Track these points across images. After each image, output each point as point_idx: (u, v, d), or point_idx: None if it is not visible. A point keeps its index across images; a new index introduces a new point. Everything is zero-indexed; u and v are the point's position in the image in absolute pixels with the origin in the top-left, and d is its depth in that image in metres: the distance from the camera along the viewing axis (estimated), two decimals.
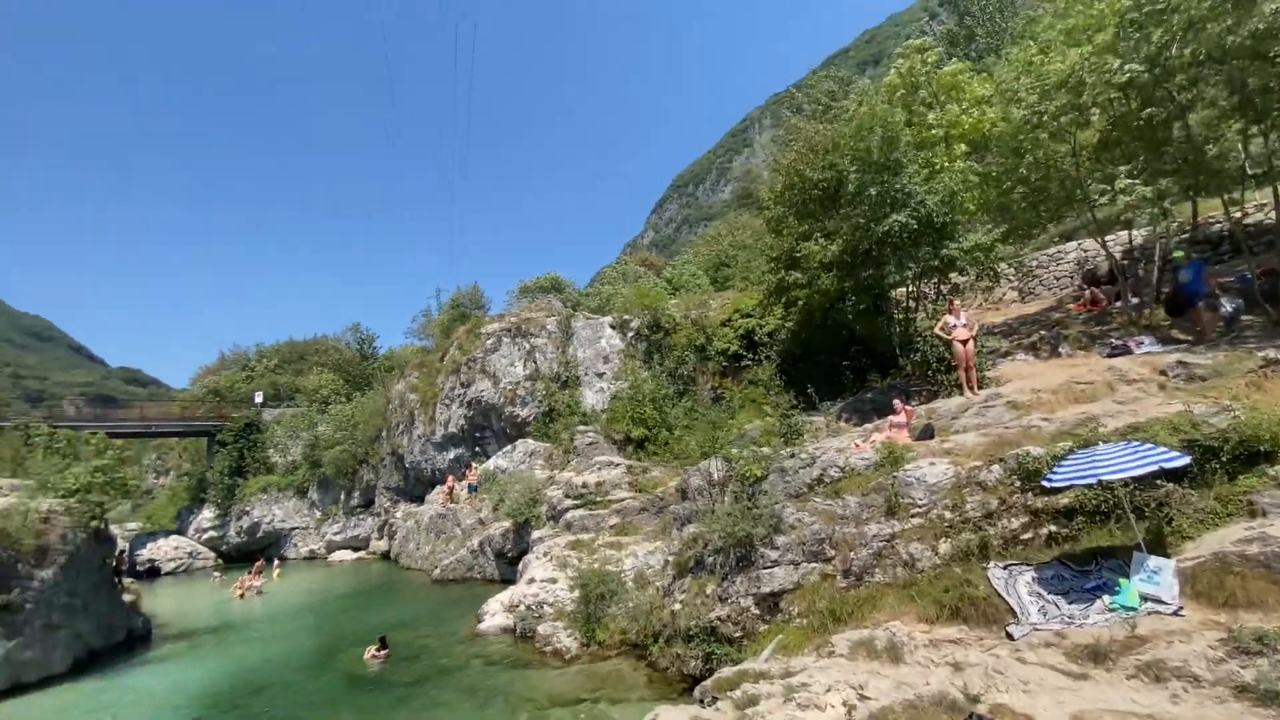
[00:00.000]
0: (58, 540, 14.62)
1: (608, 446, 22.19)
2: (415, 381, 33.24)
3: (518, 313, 30.85)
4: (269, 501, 35.98)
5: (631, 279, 35.87)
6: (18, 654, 12.88)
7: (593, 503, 18.24)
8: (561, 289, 34.03)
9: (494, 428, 27.76)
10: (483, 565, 21.20)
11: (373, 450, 34.56)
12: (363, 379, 43.71)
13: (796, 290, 16.30)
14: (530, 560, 16.44)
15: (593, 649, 12.13)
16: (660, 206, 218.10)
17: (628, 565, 13.92)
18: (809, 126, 16.77)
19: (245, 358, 50.87)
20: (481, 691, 10.67)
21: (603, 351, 26.38)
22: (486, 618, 14.59)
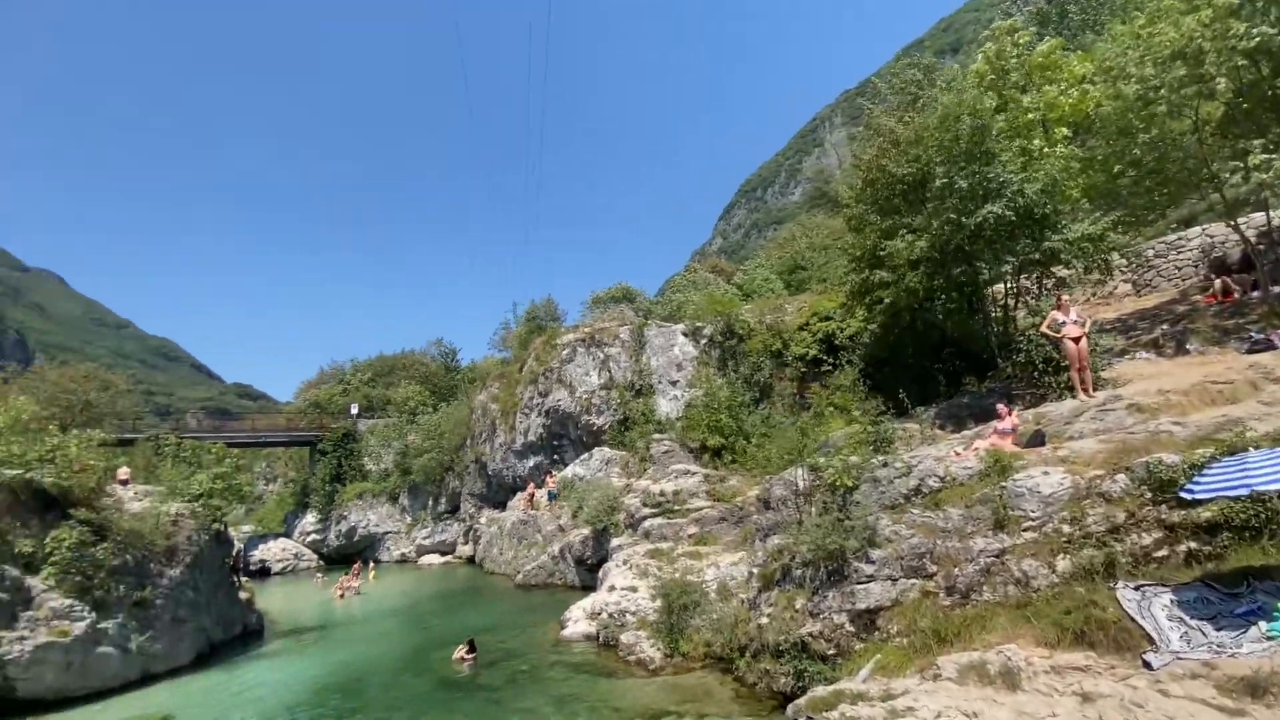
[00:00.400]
0: (184, 541, 16.05)
1: (684, 455, 22.04)
2: (496, 392, 34.40)
3: (591, 323, 31.35)
4: (364, 507, 38.21)
5: (702, 286, 35.63)
6: (149, 646, 14.10)
7: (670, 511, 18.12)
8: (633, 298, 34.31)
9: (571, 436, 28.24)
10: (563, 571, 21.51)
11: (458, 458, 36.02)
12: (448, 390, 45.74)
13: (881, 290, 15.60)
14: (610, 568, 16.50)
15: (676, 660, 11.98)
16: (728, 213, 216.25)
17: (709, 576, 13.68)
18: (891, 119, 16.06)
19: (341, 372, 54.48)
20: (568, 699, 10.73)
21: (676, 359, 26.30)
22: (569, 624, 14.74)
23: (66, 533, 13.15)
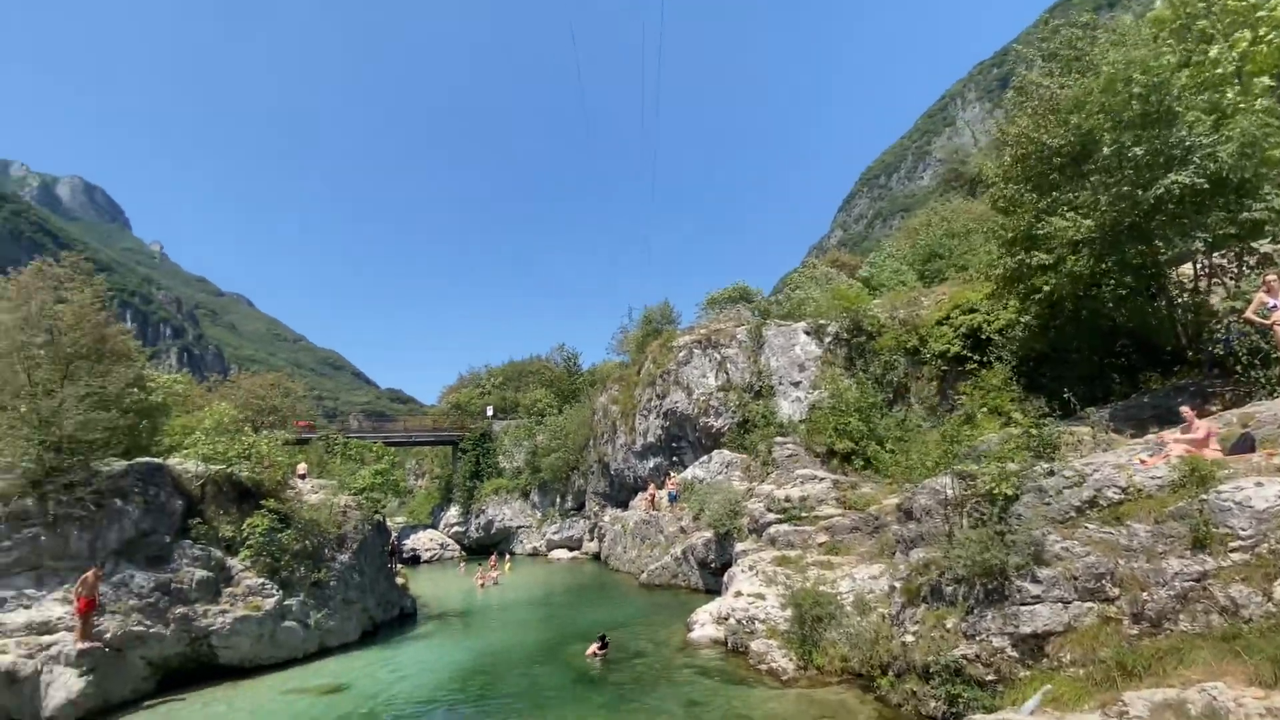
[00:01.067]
0: (352, 529, 17.98)
1: (809, 459, 21.15)
2: (616, 394, 35.24)
3: (707, 324, 31.11)
4: (500, 502, 40.77)
5: (823, 282, 34.10)
6: (325, 622, 15.90)
7: (797, 518, 17.46)
8: (749, 298, 33.59)
9: (689, 438, 28.19)
10: (686, 573, 21.47)
11: (582, 458, 37.34)
12: (571, 393, 47.59)
13: (1038, 277, 13.92)
14: (735, 573, 16.19)
15: (810, 673, 11.47)
16: (848, 203, 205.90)
17: (844, 587, 12.97)
18: (1048, 83, 14.30)
19: (478, 377, 58.58)
20: (697, 703, 10.62)
21: (797, 359, 25.35)
22: (696, 627, 14.64)
23: (259, 520, 15.21)
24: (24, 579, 12.22)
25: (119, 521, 13.22)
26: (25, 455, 12.52)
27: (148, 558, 13.38)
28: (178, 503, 14.47)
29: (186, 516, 14.56)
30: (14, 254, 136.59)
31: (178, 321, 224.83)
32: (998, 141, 17.97)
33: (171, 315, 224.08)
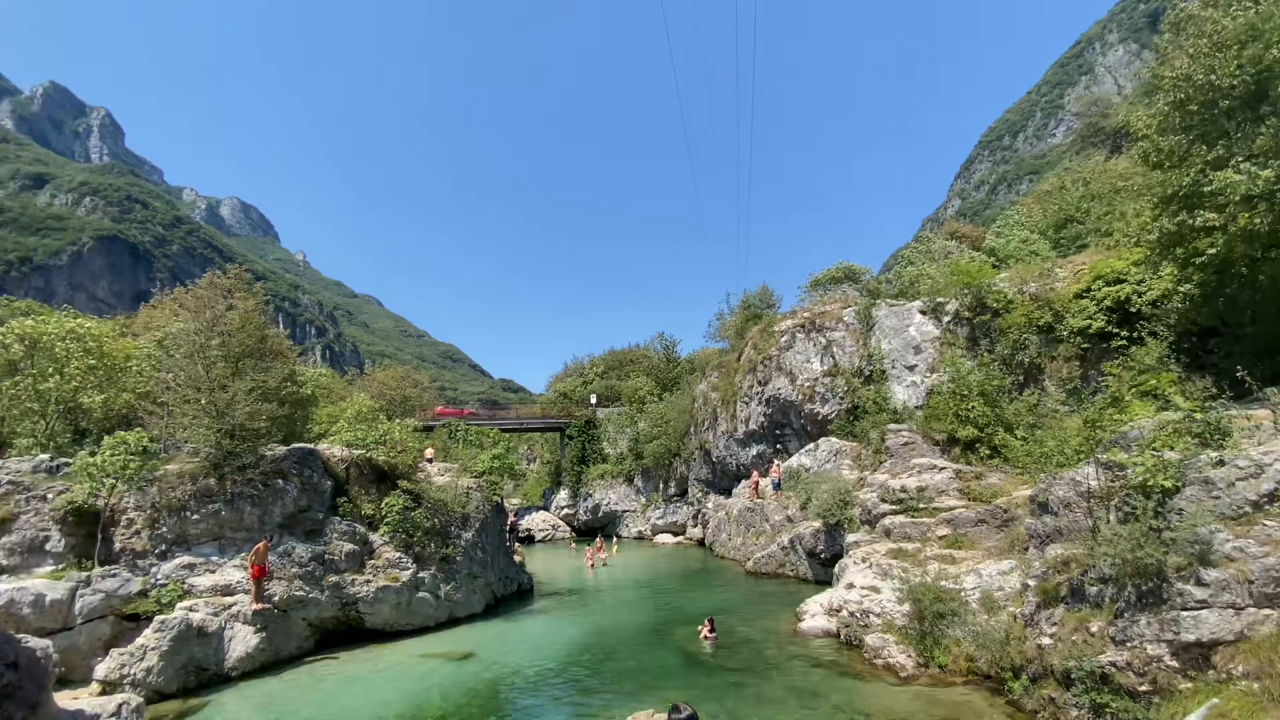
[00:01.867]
0: (474, 509, 19.31)
1: (926, 447, 19.90)
2: (715, 381, 35.05)
3: (810, 307, 30.05)
4: (606, 486, 42.06)
5: (939, 257, 31.73)
6: (453, 595, 17.26)
7: (914, 509, 16.53)
8: (856, 277, 31.97)
9: (794, 425, 27.47)
10: (794, 563, 21.05)
11: (683, 445, 37.58)
12: (670, 381, 47.97)
13: (1201, 239, 12.11)
14: (847, 564, 15.66)
15: (932, 671, 10.89)
16: (966, 169, 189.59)
17: (969, 583, 12.15)
18: (1210, 15, 12.32)
19: (581, 366, 60.59)
20: (809, 694, 10.44)
21: (912, 341, 23.84)
22: (806, 618, 14.35)
23: (395, 499, 16.74)
24: (209, 548, 14.28)
25: (281, 499, 15.08)
26: (207, 441, 14.59)
27: (305, 531, 15.18)
28: (327, 483, 16.26)
29: (335, 495, 16.34)
30: (189, 268, 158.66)
31: (320, 322, 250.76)
32: (1149, 87, 15.77)
33: (315, 317, 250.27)
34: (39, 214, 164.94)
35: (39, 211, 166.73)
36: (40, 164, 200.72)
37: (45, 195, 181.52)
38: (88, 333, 18.91)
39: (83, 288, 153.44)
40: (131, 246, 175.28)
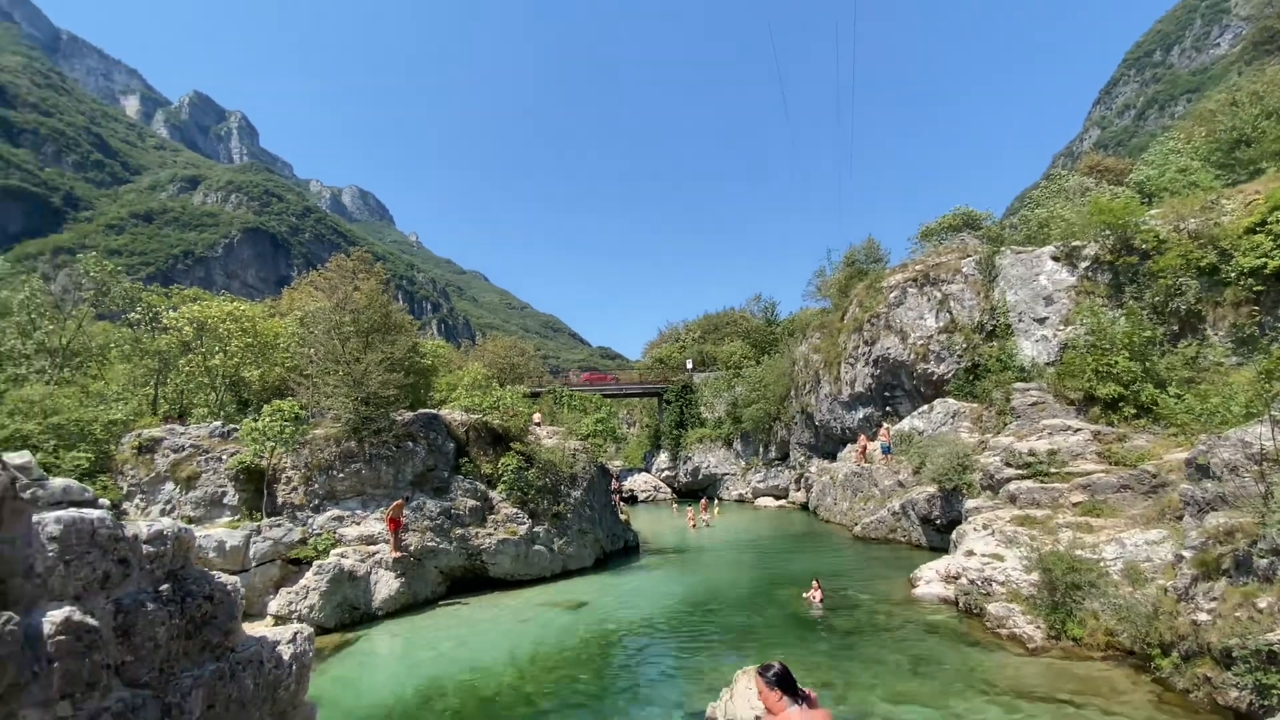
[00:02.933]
0: (581, 470, 20.20)
1: (1059, 407, 18.21)
2: (817, 343, 33.87)
3: (923, 259, 28.03)
4: (705, 450, 42.36)
5: (1075, 195, 28.34)
6: (565, 549, 18.27)
7: (1044, 474, 15.28)
8: (976, 224, 29.30)
9: (905, 386, 26.08)
10: (906, 529, 20.27)
11: (783, 408, 36.87)
12: (768, 343, 46.95)
13: None
14: (966, 531, 14.85)
15: (1064, 644, 10.20)
16: (1106, 94, 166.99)
17: (1109, 553, 11.16)
18: None
19: (676, 332, 60.75)
20: (925, 660, 10.14)
21: (1043, 291, 21.66)
22: (921, 584, 13.85)
23: (510, 459, 17.85)
24: (354, 502, 16.00)
25: (412, 459, 16.55)
26: (346, 408, 16.22)
27: (433, 488, 16.61)
28: (450, 445, 17.62)
29: (457, 456, 17.70)
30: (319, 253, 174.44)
31: (434, 298, 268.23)
32: None
33: (429, 293, 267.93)
34: (195, 212, 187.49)
35: (195, 210, 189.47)
36: (193, 167, 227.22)
37: (199, 195, 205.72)
38: (244, 315, 21.45)
39: (235, 275, 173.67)
40: (271, 236, 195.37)
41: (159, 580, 3.21)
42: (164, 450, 15.67)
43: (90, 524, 2.87)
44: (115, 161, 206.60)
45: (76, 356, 23.99)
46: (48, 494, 2.89)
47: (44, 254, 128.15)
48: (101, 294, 25.72)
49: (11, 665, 2.43)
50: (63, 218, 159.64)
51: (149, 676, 3.02)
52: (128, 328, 24.86)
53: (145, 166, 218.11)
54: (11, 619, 2.49)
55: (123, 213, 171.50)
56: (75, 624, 2.69)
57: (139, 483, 15.36)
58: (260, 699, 3.56)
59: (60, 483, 2.97)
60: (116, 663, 2.89)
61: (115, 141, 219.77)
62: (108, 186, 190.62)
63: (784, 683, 3.55)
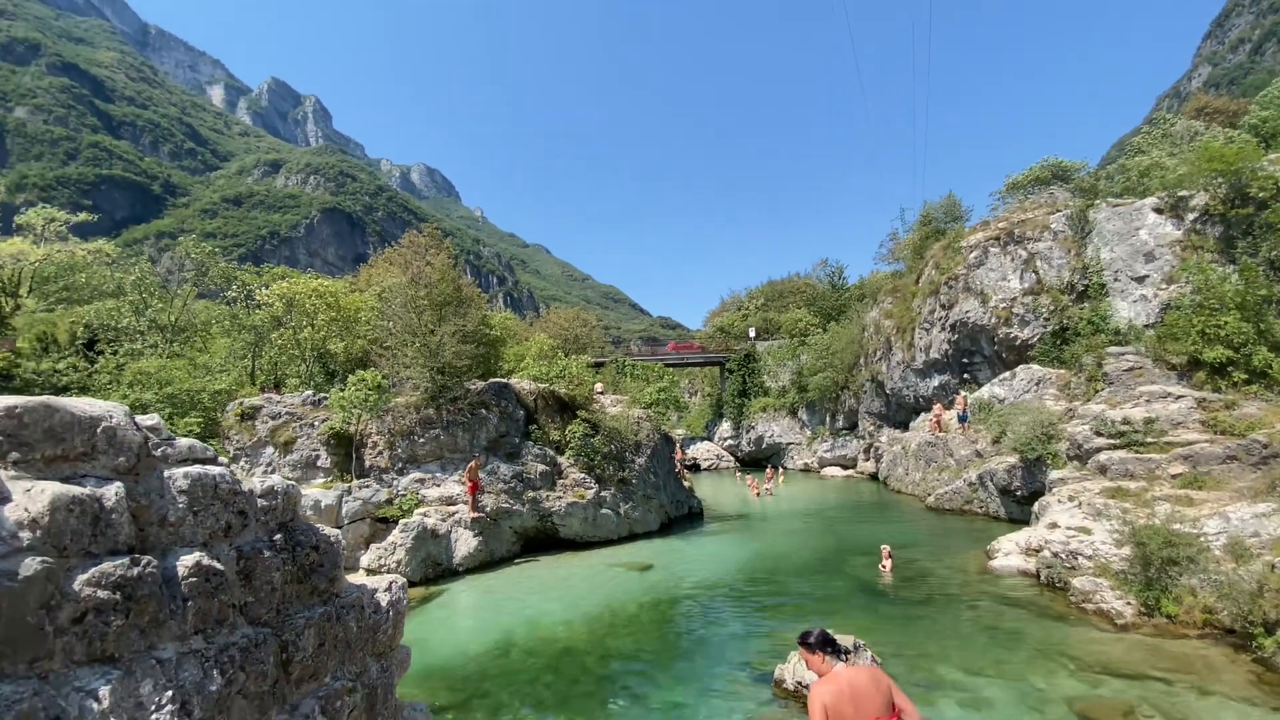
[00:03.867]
0: (645, 438, 20.49)
1: (1158, 373, 16.84)
2: (889, 308, 32.57)
3: (1006, 215, 26.26)
4: (768, 419, 41.95)
5: (1181, 140, 25.64)
6: (631, 513, 18.71)
7: (1139, 444, 14.30)
8: (1067, 176, 27.06)
9: (984, 352, 24.78)
10: (983, 499, 19.51)
11: (851, 377, 35.87)
12: (835, 310, 45.54)
13: None
14: (1050, 503, 14.16)
15: (1157, 621, 9.65)
16: (1218, 27, 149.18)
17: (1211, 528, 10.42)
18: None
19: (738, 300, 59.84)
20: (1004, 633, 9.84)
21: (1143, 246, 19.90)
22: (999, 556, 13.36)
23: (577, 427, 18.32)
24: (434, 465, 16.89)
25: (485, 425, 17.27)
26: (424, 378, 17.03)
27: (506, 454, 17.30)
28: (520, 412, 18.25)
29: (527, 423, 18.32)
30: (392, 230, 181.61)
31: (500, 271, 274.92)
32: None
33: (495, 267, 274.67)
34: (279, 195, 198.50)
35: (278, 192, 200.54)
36: (274, 151, 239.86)
37: (280, 178, 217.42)
38: (328, 291, 22.75)
39: (317, 254, 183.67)
40: (347, 215, 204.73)
41: (272, 530, 3.54)
42: (263, 417, 17.01)
43: (213, 479, 3.19)
44: (206, 149, 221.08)
45: (183, 332, 26.26)
46: (176, 452, 3.22)
47: (148, 238, 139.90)
48: (201, 274, 27.90)
49: (152, 602, 2.76)
50: (163, 204, 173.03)
51: (268, 616, 3.36)
52: (225, 305, 26.93)
53: (232, 153, 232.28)
54: (151, 561, 2.81)
55: (215, 197, 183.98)
56: (205, 567, 3.01)
57: (243, 446, 16.79)
58: (363, 640, 3.90)
59: (186, 442, 3.30)
60: (240, 603, 3.23)
61: (205, 130, 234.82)
62: (200, 173, 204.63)
63: (825, 644, 3.69)
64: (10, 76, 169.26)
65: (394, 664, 4.29)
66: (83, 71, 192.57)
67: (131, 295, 25.52)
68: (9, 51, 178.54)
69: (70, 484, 2.60)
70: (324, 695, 3.53)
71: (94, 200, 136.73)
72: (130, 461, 2.92)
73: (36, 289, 28.52)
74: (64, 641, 2.39)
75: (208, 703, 2.80)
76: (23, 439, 2.57)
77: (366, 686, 3.86)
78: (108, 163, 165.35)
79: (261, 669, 3.16)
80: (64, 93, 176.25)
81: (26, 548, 2.33)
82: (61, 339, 23.90)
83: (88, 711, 2.36)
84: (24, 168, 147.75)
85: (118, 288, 26.98)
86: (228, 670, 2.96)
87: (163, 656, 2.72)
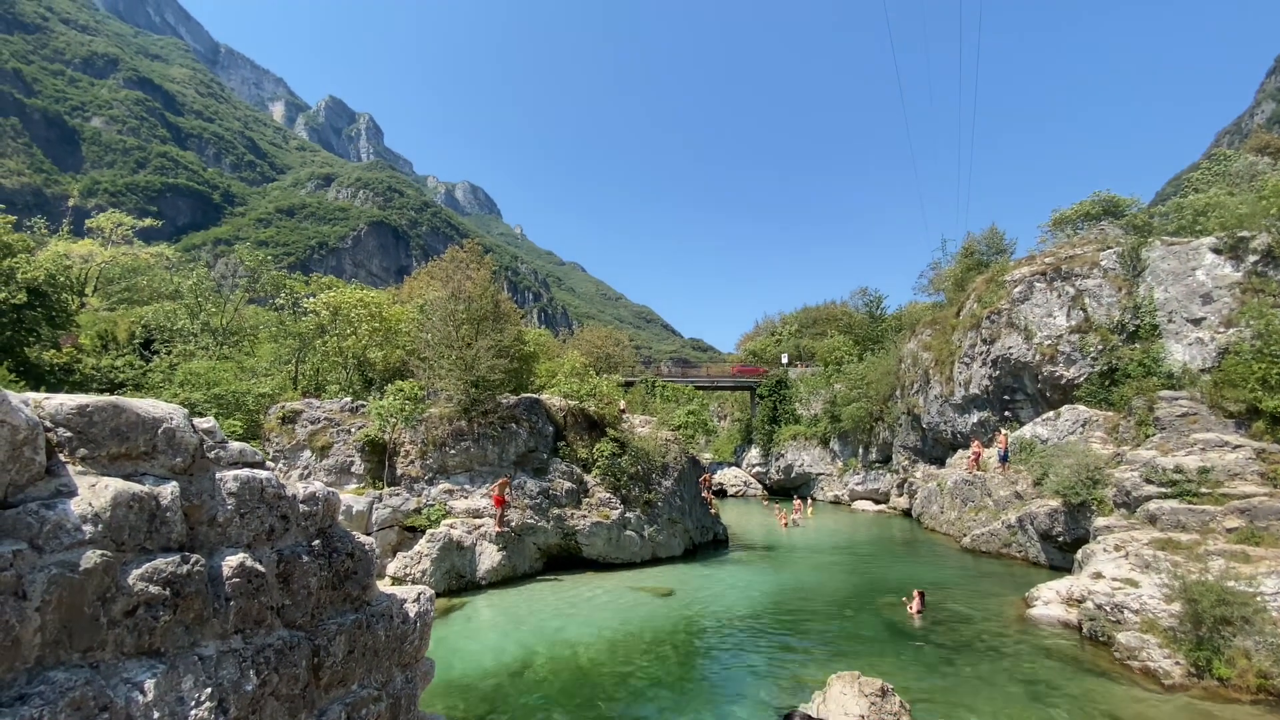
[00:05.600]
0: (673, 460, 20.38)
1: (1214, 420, 16.06)
2: (928, 340, 31.91)
3: (1054, 250, 25.62)
4: (798, 448, 41.25)
5: (1242, 179, 24.69)
6: (655, 536, 18.54)
7: (1193, 494, 13.61)
8: (1119, 211, 26.28)
9: (1027, 390, 24.03)
10: (1022, 543, 18.75)
11: (887, 409, 35.10)
12: (873, 339, 44.80)
13: None
14: (1095, 551, 13.53)
15: (1207, 683, 9.09)
16: None
17: (1269, 587, 9.82)
18: None
19: (772, 325, 59.43)
20: (1041, 686, 9.38)
21: (1199, 288, 19.14)
22: (1039, 605, 12.79)
23: (605, 445, 18.34)
24: (463, 477, 17.10)
25: (515, 440, 17.43)
26: (458, 390, 17.33)
27: (534, 469, 17.41)
28: (549, 428, 18.38)
29: (556, 440, 18.42)
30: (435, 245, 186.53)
31: (536, 288, 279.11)
32: None
33: (532, 284, 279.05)
34: (330, 207, 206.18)
35: (329, 205, 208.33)
36: (328, 166, 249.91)
37: (332, 192, 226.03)
38: (372, 301, 23.45)
39: (362, 265, 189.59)
40: (393, 229, 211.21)
41: (311, 536, 3.64)
42: (303, 421, 17.52)
43: (261, 483, 3.32)
44: (264, 162, 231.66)
45: (233, 335, 27.33)
46: (228, 455, 3.36)
47: (206, 244, 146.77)
48: (253, 280, 29.08)
49: (198, 600, 2.87)
50: (221, 212, 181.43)
51: (303, 620, 3.45)
52: (274, 311, 27.96)
53: (289, 166, 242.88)
54: (199, 560, 2.93)
55: (270, 208, 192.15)
56: (248, 568, 3.12)
57: (282, 449, 17.29)
58: (390, 649, 3.95)
59: (238, 446, 3.44)
60: (278, 605, 3.32)
61: (264, 144, 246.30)
62: (258, 184, 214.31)
63: None
64: (89, 88, 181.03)
65: (418, 675, 4.33)
66: (156, 86, 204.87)
67: (188, 298, 26.74)
68: (89, 65, 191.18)
69: (130, 481, 2.74)
70: (351, 702, 3.59)
71: (159, 207, 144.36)
72: (186, 462, 3.06)
73: (101, 289, 30.16)
74: (115, 634, 2.50)
75: (243, 702, 2.88)
76: (91, 436, 2.73)
77: (391, 696, 3.91)
78: (173, 172, 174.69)
79: (294, 672, 3.23)
80: (138, 105, 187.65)
81: (88, 540, 2.45)
82: (121, 337, 25.13)
83: (133, 703, 2.45)
84: (97, 174, 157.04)
85: (175, 290, 28.34)
86: (263, 671, 3.03)
87: (205, 654, 2.82)
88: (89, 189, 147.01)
